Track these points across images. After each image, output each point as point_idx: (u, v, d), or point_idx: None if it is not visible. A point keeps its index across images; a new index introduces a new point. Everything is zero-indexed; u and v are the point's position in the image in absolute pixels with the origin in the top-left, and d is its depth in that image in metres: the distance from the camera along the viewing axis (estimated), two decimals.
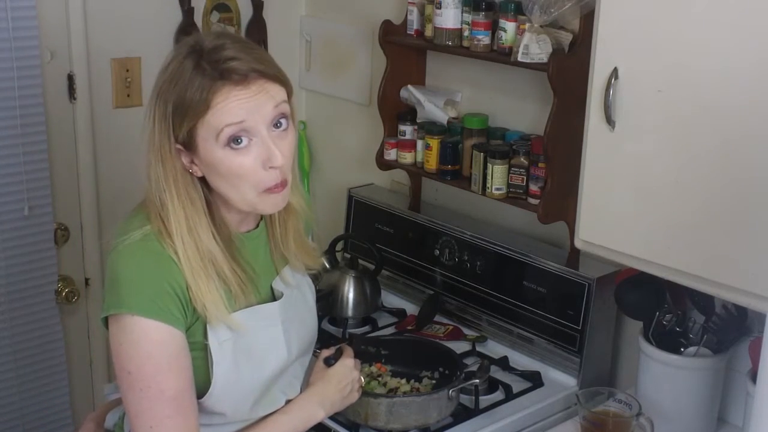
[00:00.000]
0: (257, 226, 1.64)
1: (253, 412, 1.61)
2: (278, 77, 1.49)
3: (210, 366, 1.52)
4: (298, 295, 1.71)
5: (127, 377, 1.46)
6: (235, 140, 1.44)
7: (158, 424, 1.46)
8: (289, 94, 1.52)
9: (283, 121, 1.49)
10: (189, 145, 1.47)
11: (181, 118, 1.44)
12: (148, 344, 1.45)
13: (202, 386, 1.53)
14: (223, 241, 1.53)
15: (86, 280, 2.62)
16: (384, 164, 2.55)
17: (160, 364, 1.45)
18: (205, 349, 1.52)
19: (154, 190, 1.50)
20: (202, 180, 1.52)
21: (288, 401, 1.67)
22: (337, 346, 1.81)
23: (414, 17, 2.41)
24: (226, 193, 1.49)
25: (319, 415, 1.68)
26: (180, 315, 1.47)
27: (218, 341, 1.51)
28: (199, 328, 1.51)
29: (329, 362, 1.75)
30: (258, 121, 1.45)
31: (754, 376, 1.60)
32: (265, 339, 1.59)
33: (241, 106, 1.43)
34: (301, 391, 1.71)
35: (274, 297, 1.65)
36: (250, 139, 1.45)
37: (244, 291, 1.55)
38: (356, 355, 1.79)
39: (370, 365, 2.12)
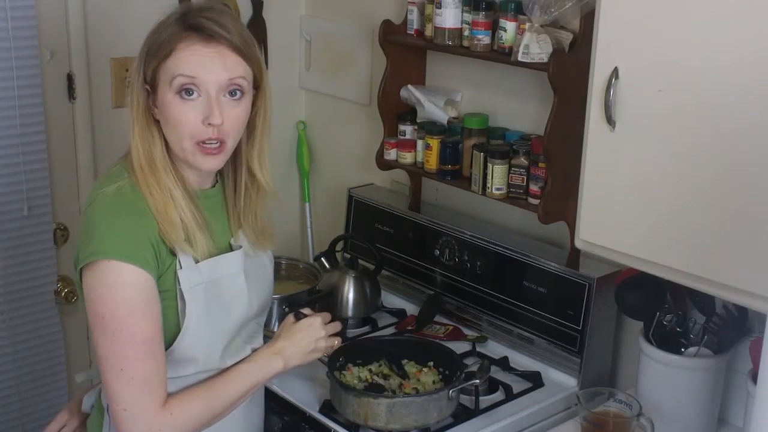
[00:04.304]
0: (213, 186, 1.72)
1: (222, 360, 1.68)
2: (243, 51, 1.58)
3: (181, 311, 1.59)
4: (255, 257, 1.77)
5: (100, 322, 1.51)
6: (186, 91, 1.55)
7: (129, 367, 1.51)
8: (256, 73, 1.61)
9: (237, 92, 1.59)
10: (153, 87, 1.58)
11: (151, 57, 1.57)
12: (123, 287, 1.51)
13: (172, 335, 1.59)
14: (183, 188, 1.62)
15: None
16: (384, 164, 2.55)
17: (133, 308, 1.51)
18: (176, 297, 1.59)
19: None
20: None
21: (254, 351, 1.74)
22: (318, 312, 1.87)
23: (414, 17, 2.41)
24: (169, 139, 1.59)
25: (277, 366, 1.73)
26: (153, 261, 1.54)
27: (190, 285, 1.59)
28: (170, 276, 1.58)
29: (298, 317, 1.81)
30: (209, 80, 1.55)
31: (754, 377, 1.60)
32: (232, 287, 1.68)
33: (197, 62, 1.54)
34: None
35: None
36: (200, 94, 1.55)
37: (203, 236, 1.61)
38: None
39: (370, 365, 2.12)
